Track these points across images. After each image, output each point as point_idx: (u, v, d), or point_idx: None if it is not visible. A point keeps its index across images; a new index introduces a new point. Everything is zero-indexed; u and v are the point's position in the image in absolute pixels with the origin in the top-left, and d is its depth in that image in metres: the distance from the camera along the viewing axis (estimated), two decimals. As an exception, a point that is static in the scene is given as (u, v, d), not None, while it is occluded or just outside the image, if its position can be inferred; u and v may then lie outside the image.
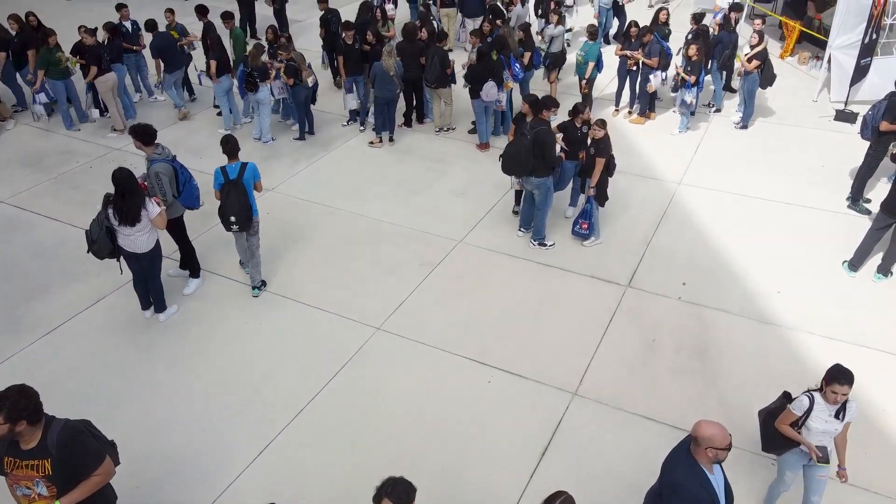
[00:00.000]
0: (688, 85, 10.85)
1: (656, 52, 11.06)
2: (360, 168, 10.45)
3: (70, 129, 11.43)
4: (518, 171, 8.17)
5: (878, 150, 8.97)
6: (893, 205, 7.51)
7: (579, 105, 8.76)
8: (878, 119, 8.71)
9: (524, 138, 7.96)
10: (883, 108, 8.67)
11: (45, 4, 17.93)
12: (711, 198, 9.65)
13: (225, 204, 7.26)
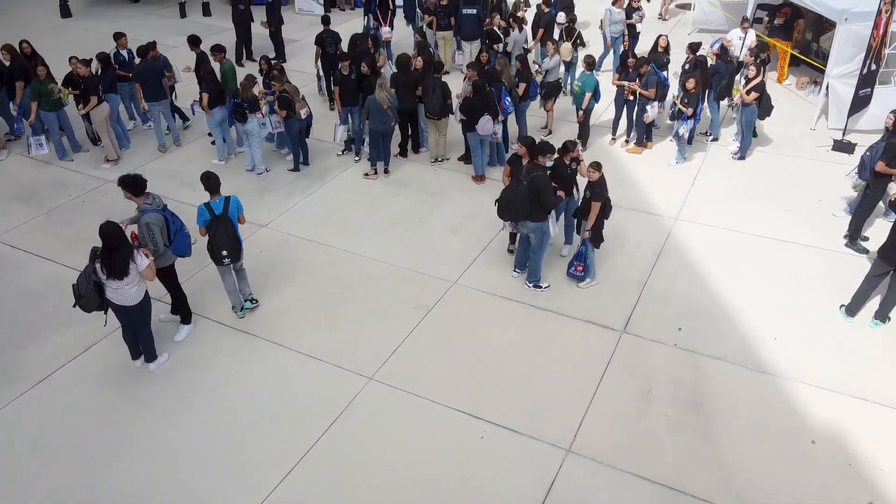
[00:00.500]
0: (684, 117, 10.78)
1: (653, 83, 11.00)
2: (355, 202, 10.37)
3: (63, 159, 11.35)
4: (514, 217, 8.10)
5: (875, 191, 8.91)
6: (891, 253, 7.44)
7: (569, 143, 8.73)
8: (875, 160, 8.65)
9: (520, 184, 7.88)
10: (881, 149, 8.61)
11: (41, 23, 17.91)
12: (708, 235, 9.59)
13: (214, 240, 7.38)
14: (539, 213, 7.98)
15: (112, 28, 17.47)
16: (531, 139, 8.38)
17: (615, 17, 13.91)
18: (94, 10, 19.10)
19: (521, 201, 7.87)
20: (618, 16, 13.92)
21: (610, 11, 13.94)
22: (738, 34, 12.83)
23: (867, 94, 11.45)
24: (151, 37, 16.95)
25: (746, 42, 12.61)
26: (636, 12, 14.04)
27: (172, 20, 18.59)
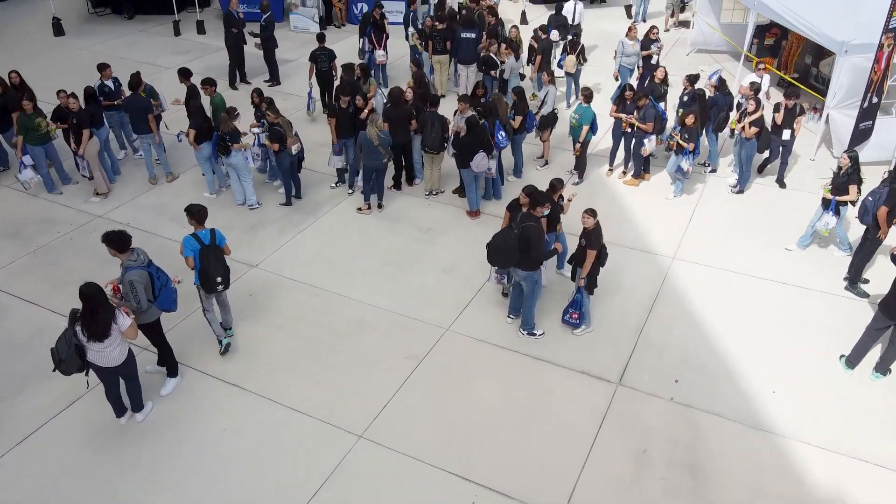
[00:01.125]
0: (685, 152, 10.62)
1: (651, 116, 10.84)
2: (348, 239, 10.21)
3: (52, 192, 11.19)
4: (502, 263, 7.95)
5: (872, 243, 8.75)
6: (892, 307, 7.28)
7: (555, 182, 8.77)
8: (877, 205, 8.49)
9: (511, 231, 7.72)
10: (884, 195, 8.46)
11: (34, 43, 17.73)
12: (706, 276, 9.43)
13: (208, 268, 7.54)
14: (529, 262, 7.82)
15: (106, 48, 17.49)
16: (533, 188, 8.24)
17: (628, 50, 13.52)
18: (88, 28, 18.91)
19: (510, 249, 7.72)
20: (631, 48, 13.49)
21: (623, 44, 13.55)
22: (751, 79, 11.64)
23: (868, 126, 11.29)
24: (146, 57, 16.98)
25: (763, 88, 11.72)
26: (654, 44, 13.59)
27: (166, 38, 18.41)
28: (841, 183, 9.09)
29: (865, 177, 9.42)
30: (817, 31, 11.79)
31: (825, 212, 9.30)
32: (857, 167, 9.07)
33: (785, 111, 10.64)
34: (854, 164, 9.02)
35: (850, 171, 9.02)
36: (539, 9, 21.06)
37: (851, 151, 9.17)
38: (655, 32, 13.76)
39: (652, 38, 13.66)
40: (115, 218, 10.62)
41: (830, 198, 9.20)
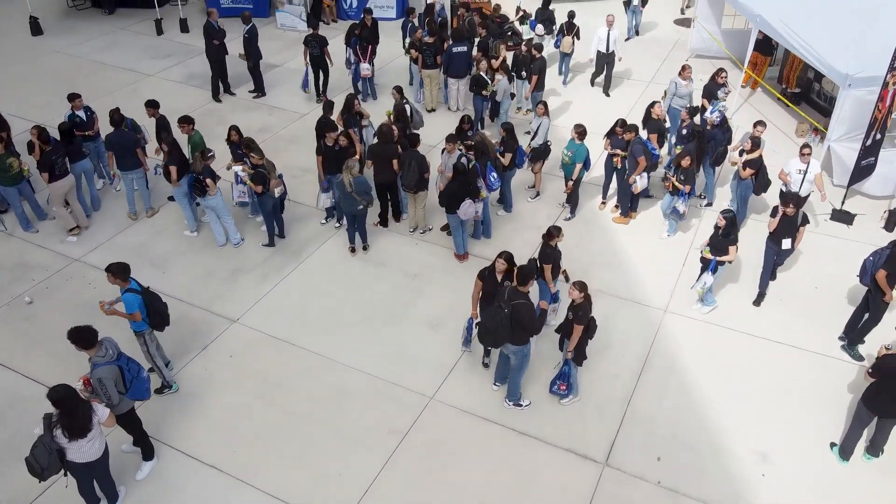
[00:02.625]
0: (681, 193, 10.30)
1: (639, 152, 10.46)
2: (332, 287, 9.93)
3: (28, 230, 10.85)
4: (494, 343, 7.74)
5: (876, 298, 8.50)
6: (875, 401, 7.09)
7: (553, 229, 8.63)
8: (878, 266, 8.24)
9: (501, 311, 7.45)
10: (885, 256, 8.19)
11: (11, 44, 17.10)
12: (697, 333, 9.22)
13: (157, 306, 7.81)
14: (521, 337, 7.59)
15: (85, 49, 16.90)
16: (510, 255, 7.97)
17: (681, 91, 12.20)
18: (67, 26, 18.23)
19: (502, 330, 7.48)
20: (684, 89, 12.18)
21: (676, 84, 12.22)
22: (797, 166, 9.97)
23: (871, 163, 10.95)
24: (126, 62, 16.45)
25: (808, 176, 9.96)
26: (721, 89, 11.74)
27: (149, 38, 17.77)
28: (719, 243, 8.80)
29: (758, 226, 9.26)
30: (821, 61, 11.35)
31: (704, 272, 9.04)
32: (734, 226, 8.85)
33: (782, 217, 9.04)
34: (730, 224, 8.76)
35: (727, 231, 8.75)
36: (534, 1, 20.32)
37: (727, 212, 8.86)
38: (724, 77, 11.91)
39: (719, 83, 11.86)
40: (92, 262, 10.32)
41: (710, 258, 8.91)
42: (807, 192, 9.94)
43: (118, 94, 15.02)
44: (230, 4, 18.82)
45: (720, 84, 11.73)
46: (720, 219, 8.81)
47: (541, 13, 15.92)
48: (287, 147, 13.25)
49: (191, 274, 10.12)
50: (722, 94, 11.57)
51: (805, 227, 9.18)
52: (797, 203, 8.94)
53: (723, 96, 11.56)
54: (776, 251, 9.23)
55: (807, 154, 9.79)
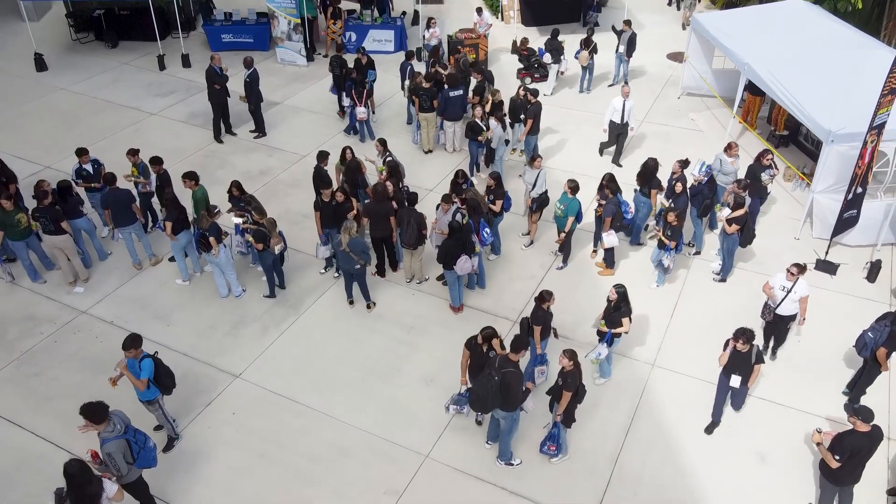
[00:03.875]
0: (668, 248, 10.63)
1: (610, 212, 10.80)
2: (330, 342, 10.24)
3: (35, 280, 11.16)
4: (484, 409, 8.07)
5: (873, 371, 8.86)
6: (834, 477, 7.41)
7: (545, 294, 8.94)
8: (878, 343, 8.59)
9: (491, 379, 7.78)
10: (885, 335, 8.53)
11: (16, 81, 17.40)
12: (685, 389, 9.54)
13: (166, 369, 8.30)
14: (511, 404, 7.92)
15: (89, 87, 17.24)
16: (493, 330, 8.34)
17: (726, 167, 11.82)
18: (70, 61, 18.52)
19: (492, 396, 7.81)
20: (729, 166, 11.78)
21: (721, 160, 11.86)
22: (781, 283, 9.28)
23: (853, 216, 11.29)
24: (129, 100, 16.84)
25: (792, 296, 9.23)
26: (767, 171, 11.42)
27: (151, 74, 18.08)
28: (613, 316, 9.00)
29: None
30: (805, 115, 11.70)
31: (599, 343, 9.19)
32: (626, 300, 9.00)
33: (733, 352, 8.31)
34: (622, 298, 8.94)
35: (618, 305, 8.97)
36: (530, 33, 20.68)
37: (619, 287, 9.01)
38: (769, 158, 11.48)
39: (764, 165, 11.40)
40: (98, 314, 10.64)
41: (606, 330, 9.10)
42: (789, 312, 9.31)
43: (122, 133, 15.37)
44: (231, 39, 19.16)
45: (765, 166, 11.36)
46: (612, 293, 8.98)
47: (549, 43, 16.66)
48: (286, 191, 13.58)
49: (194, 327, 10.45)
50: (767, 176, 11.31)
51: (760, 366, 8.39)
52: (749, 337, 8.12)
53: (767, 179, 11.32)
54: (728, 385, 8.51)
55: (793, 272, 9.10)
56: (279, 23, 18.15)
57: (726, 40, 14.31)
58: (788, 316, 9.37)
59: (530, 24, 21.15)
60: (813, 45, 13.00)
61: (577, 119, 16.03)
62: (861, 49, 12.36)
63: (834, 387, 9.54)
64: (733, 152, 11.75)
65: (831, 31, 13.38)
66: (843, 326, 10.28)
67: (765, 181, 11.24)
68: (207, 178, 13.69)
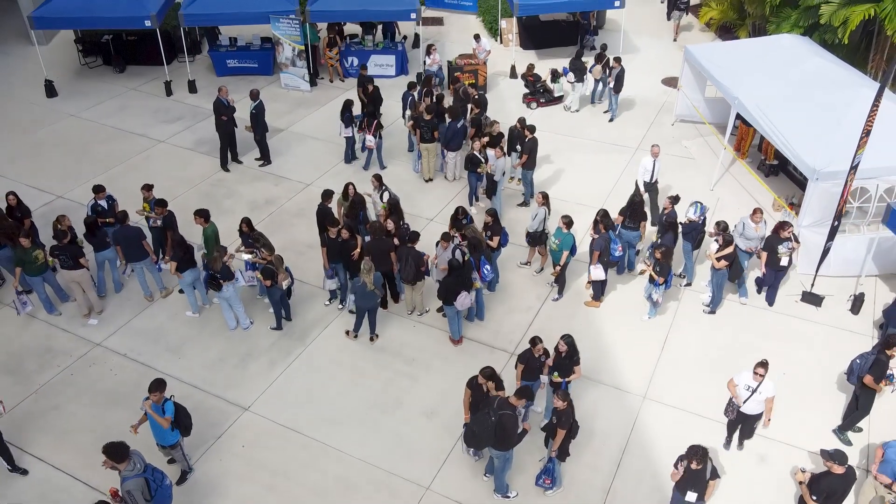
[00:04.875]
0: (657, 283, 11.08)
1: (598, 246, 11.24)
2: (334, 373, 10.68)
3: (51, 313, 11.61)
4: (477, 446, 8.53)
5: (863, 399, 9.29)
6: None
7: (536, 338, 9.38)
8: (864, 370, 9.04)
9: (488, 419, 8.23)
10: (870, 362, 8.98)
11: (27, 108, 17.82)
12: (675, 421, 9.96)
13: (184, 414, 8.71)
14: (504, 444, 8.37)
15: (98, 114, 17.69)
16: (491, 370, 8.79)
17: (749, 233, 11.52)
18: (80, 87, 18.96)
19: (487, 435, 8.26)
20: (752, 231, 11.45)
21: (744, 224, 11.62)
22: (746, 382, 8.98)
23: (828, 247, 11.73)
24: (138, 127, 17.29)
25: (757, 396, 8.95)
26: (786, 244, 11.05)
27: (158, 100, 18.53)
28: (566, 366, 9.25)
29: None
30: (792, 152, 12.14)
31: (554, 393, 9.09)
32: (575, 350, 9.27)
33: (687, 469, 7.81)
34: (572, 348, 9.21)
35: (570, 354, 9.21)
36: (528, 56, 21.16)
37: (567, 337, 9.23)
38: (789, 231, 11.04)
39: (783, 237, 11.04)
40: (112, 346, 11.09)
41: (560, 380, 9.28)
42: (755, 412, 9.07)
43: (132, 161, 15.85)
44: (236, 64, 19.62)
45: (783, 238, 11.04)
46: (561, 344, 9.19)
47: (573, 63, 17.69)
48: (291, 221, 14.03)
49: (204, 360, 10.90)
50: (785, 249, 11.04)
51: (716, 482, 8.03)
52: (703, 456, 7.72)
53: (784, 251, 11.05)
54: (684, 501, 8.02)
55: (759, 374, 8.80)
56: (284, 49, 18.60)
57: (718, 73, 14.76)
58: (754, 415, 9.07)
59: (528, 48, 21.60)
60: (802, 81, 13.45)
61: (573, 146, 16.48)
62: (848, 88, 12.79)
63: (819, 421, 9.97)
64: (756, 218, 11.35)
65: (820, 68, 13.82)
66: (827, 359, 10.77)
67: (781, 253, 11.00)
68: (215, 207, 14.19)
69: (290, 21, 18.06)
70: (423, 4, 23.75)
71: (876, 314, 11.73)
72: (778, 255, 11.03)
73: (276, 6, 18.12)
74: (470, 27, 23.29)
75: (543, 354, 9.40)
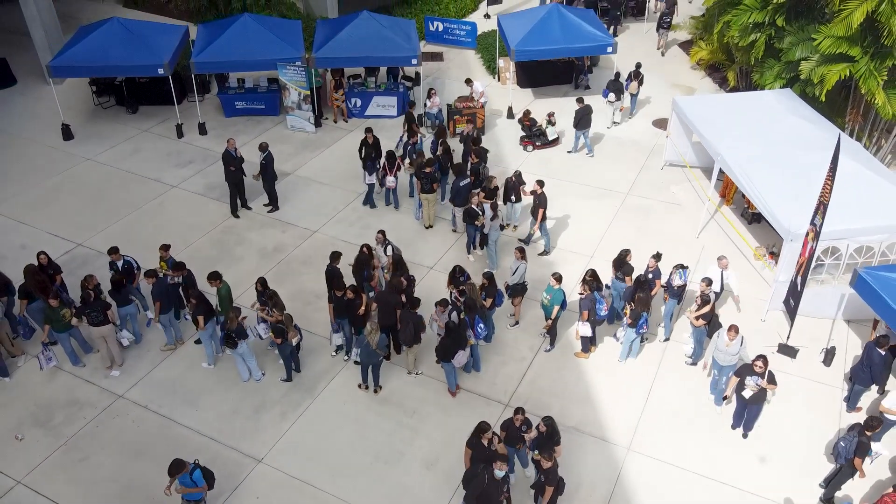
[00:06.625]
0: (624, 323, 11.99)
1: (585, 306, 12.06)
2: (341, 426, 11.47)
3: (76, 364, 12.42)
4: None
5: (847, 472, 10.08)
6: None
7: (520, 409, 10.17)
8: (850, 452, 9.81)
9: (485, 473, 9.06)
10: (854, 445, 9.74)
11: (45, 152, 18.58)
12: (659, 476, 10.73)
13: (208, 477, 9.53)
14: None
15: (112, 157, 18.51)
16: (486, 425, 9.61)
17: (720, 345, 11.28)
18: (95, 129, 19.72)
19: (476, 484, 9.07)
20: (724, 346, 11.19)
21: (718, 334, 11.39)
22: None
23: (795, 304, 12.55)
24: (151, 171, 18.08)
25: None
26: (754, 378, 10.62)
27: (170, 142, 19.30)
28: (547, 445, 9.55)
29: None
30: (769, 211, 12.97)
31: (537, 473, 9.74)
32: (555, 431, 9.76)
33: None
34: (550, 429, 9.70)
35: (550, 435, 9.69)
36: (525, 94, 21.98)
37: (548, 419, 9.75)
38: (761, 366, 10.59)
39: (756, 371, 10.60)
40: (134, 398, 11.91)
41: (539, 458, 9.47)
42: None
43: (147, 207, 16.66)
44: (244, 106, 20.44)
45: (756, 372, 10.62)
46: (542, 425, 9.73)
47: (612, 84, 19.37)
48: (299, 269, 14.84)
49: (220, 411, 11.71)
50: (752, 382, 10.64)
51: None
52: None
53: (752, 385, 10.65)
54: None
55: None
56: (290, 93, 19.41)
57: (703, 127, 15.57)
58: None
59: (525, 86, 22.40)
60: (781, 140, 14.26)
61: (565, 191, 17.23)
62: (823, 150, 13.54)
63: (797, 476, 10.74)
64: (731, 335, 11.06)
65: (798, 128, 14.61)
66: (800, 414, 11.58)
67: (748, 385, 10.65)
68: (227, 255, 15.07)
69: (296, 68, 18.87)
70: (423, 39, 24.71)
71: (847, 365, 12.53)
72: (745, 384, 10.71)
73: (282, 54, 18.95)
74: (469, 63, 24.13)
75: (524, 424, 10.13)
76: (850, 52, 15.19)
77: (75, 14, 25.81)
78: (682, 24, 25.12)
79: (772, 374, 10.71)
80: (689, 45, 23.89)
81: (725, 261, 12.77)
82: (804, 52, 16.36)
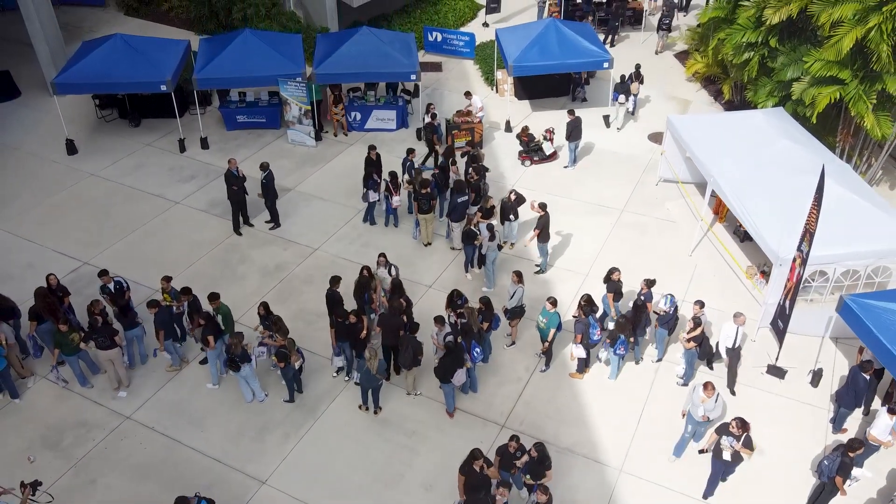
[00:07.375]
0: (606, 344, 12.38)
1: (579, 330, 12.42)
2: (342, 447, 11.83)
3: (84, 385, 12.77)
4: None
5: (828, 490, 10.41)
6: None
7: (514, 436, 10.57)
8: (833, 470, 10.14)
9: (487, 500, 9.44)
10: (837, 464, 10.08)
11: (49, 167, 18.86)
12: (651, 498, 11.11)
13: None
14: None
15: (115, 172, 18.82)
16: (479, 451, 9.98)
17: (695, 400, 11.07)
18: (98, 144, 19.94)
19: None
20: (699, 403, 10.98)
21: (695, 388, 11.18)
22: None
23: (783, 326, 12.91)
24: (154, 188, 18.37)
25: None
26: (730, 438, 10.41)
27: (173, 157, 19.56)
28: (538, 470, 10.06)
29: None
30: (759, 236, 13.31)
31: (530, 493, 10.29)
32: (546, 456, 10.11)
33: None
34: (541, 454, 10.04)
35: (542, 459, 10.05)
36: (523, 106, 22.25)
37: (539, 445, 10.13)
38: (738, 427, 10.34)
39: (732, 432, 10.39)
40: (140, 419, 12.27)
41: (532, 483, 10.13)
42: None
43: (150, 224, 16.97)
44: (245, 119, 20.73)
45: (732, 434, 10.40)
46: (533, 451, 10.09)
47: (620, 87, 20.47)
48: (301, 288, 15.17)
49: (225, 432, 12.07)
50: (727, 443, 10.45)
51: None
52: None
53: (727, 446, 10.45)
54: None
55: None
56: (291, 108, 19.70)
57: (696, 148, 15.88)
58: None
59: (522, 98, 22.67)
60: (772, 163, 14.55)
61: (562, 207, 17.52)
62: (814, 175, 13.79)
63: (783, 497, 11.11)
64: (709, 393, 10.88)
65: (789, 151, 14.89)
66: (788, 434, 11.93)
67: (724, 447, 10.44)
68: (230, 274, 15.40)
69: (297, 83, 19.14)
70: (423, 49, 24.96)
71: (834, 386, 12.89)
72: (720, 445, 10.49)
73: (283, 69, 19.22)
74: (468, 73, 24.39)
75: (518, 450, 10.46)
76: (840, 75, 15.48)
77: (77, 24, 26.09)
78: (679, 36, 25.40)
79: (749, 439, 10.25)
80: (686, 56, 24.13)
81: (743, 317, 12.24)
82: (796, 72, 16.65)
